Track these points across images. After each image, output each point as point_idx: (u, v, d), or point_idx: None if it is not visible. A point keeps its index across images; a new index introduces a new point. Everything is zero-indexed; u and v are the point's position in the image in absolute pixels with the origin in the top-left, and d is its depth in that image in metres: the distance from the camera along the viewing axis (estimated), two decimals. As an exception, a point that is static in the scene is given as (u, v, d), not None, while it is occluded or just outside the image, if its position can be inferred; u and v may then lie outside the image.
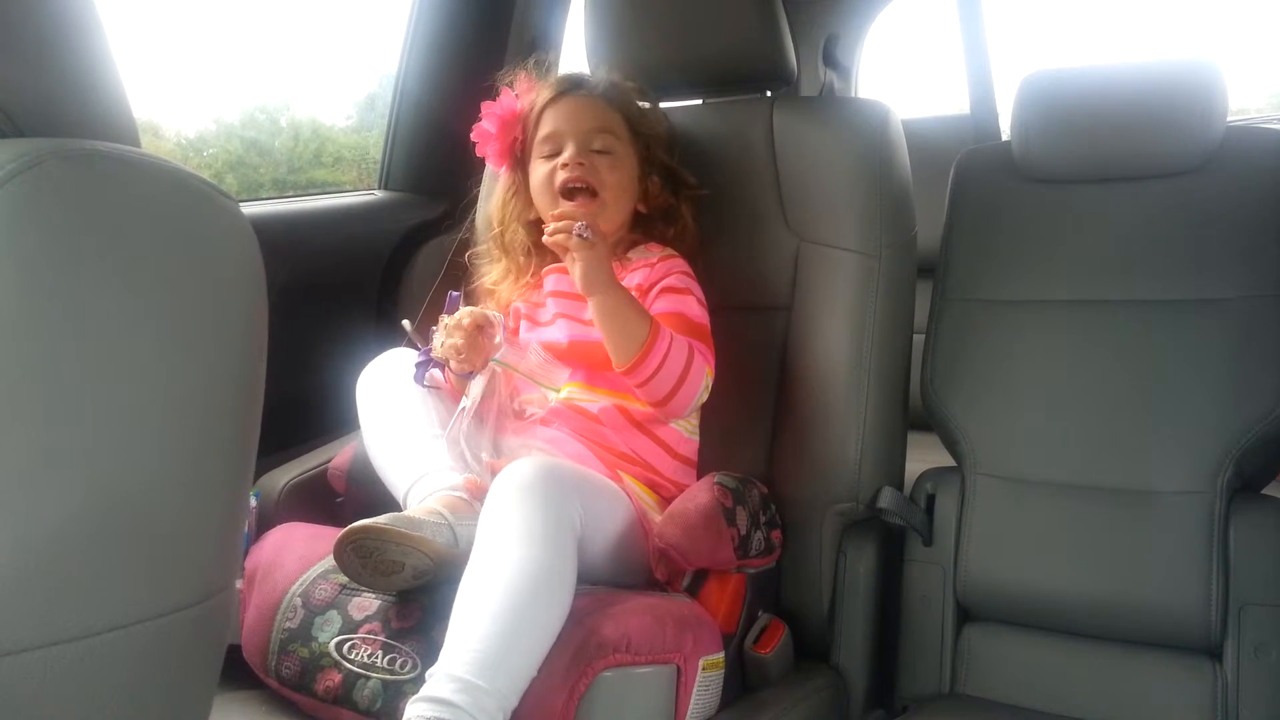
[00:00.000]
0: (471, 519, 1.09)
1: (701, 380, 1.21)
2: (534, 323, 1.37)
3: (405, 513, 1.08)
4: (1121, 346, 1.30)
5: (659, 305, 1.27)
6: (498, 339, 1.21)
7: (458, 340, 1.21)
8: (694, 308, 1.28)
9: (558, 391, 1.23)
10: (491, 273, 1.41)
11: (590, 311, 1.21)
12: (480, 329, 1.22)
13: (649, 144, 1.37)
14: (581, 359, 1.27)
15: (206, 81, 2.22)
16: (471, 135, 1.39)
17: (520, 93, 1.37)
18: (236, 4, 2.21)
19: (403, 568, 1.04)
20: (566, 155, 1.31)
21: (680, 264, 1.31)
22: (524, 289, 1.39)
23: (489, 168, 1.50)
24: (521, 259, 1.39)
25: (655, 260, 1.31)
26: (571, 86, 1.36)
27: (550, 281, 1.36)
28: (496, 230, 1.41)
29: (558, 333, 1.31)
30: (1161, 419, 1.26)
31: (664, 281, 1.29)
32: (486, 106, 1.38)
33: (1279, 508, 1.21)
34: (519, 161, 1.39)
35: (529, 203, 1.38)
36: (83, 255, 0.53)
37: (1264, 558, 1.18)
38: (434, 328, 1.24)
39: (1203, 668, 1.19)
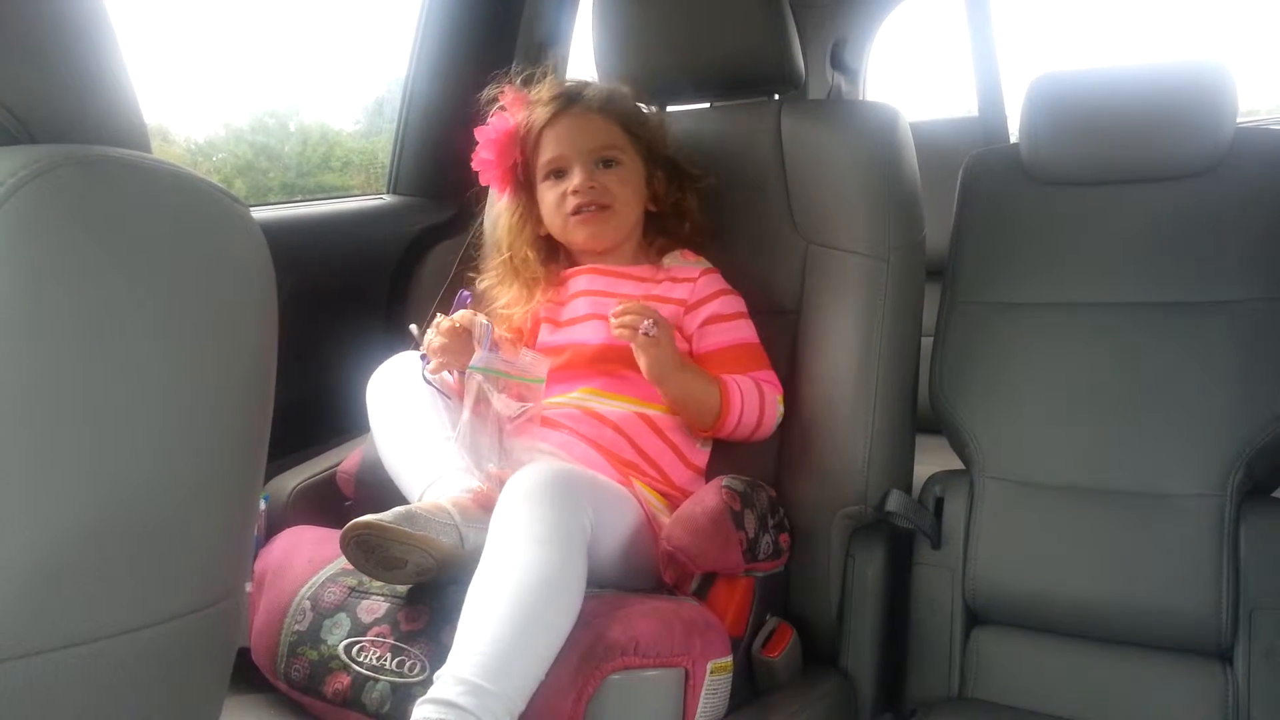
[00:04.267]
0: (481, 521, 1.09)
1: (776, 411, 1.28)
2: (556, 324, 1.37)
3: (411, 508, 1.08)
4: (1131, 349, 1.30)
5: (718, 339, 1.31)
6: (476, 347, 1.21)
7: (437, 341, 1.23)
8: (746, 330, 1.32)
9: (541, 381, 1.23)
10: (502, 297, 1.41)
11: (663, 397, 1.26)
12: (464, 332, 1.23)
13: (650, 146, 1.38)
14: (612, 361, 1.28)
15: (216, 86, 2.23)
16: (473, 165, 1.38)
17: (510, 108, 1.36)
18: (246, 9, 2.22)
19: (405, 564, 1.05)
20: (576, 181, 1.32)
21: (719, 280, 1.35)
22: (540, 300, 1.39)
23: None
24: (533, 279, 1.39)
25: (696, 275, 1.33)
26: (567, 103, 1.35)
27: (582, 282, 1.37)
28: (505, 255, 1.40)
29: (589, 333, 1.32)
30: (1172, 422, 1.25)
31: (712, 308, 1.31)
32: (480, 132, 1.37)
33: (1290, 511, 1.20)
34: (521, 184, 1.39)
35: (538, 222, 1.38)
36: (95, 260, 0.53)
37: (1275, 561, 1.17)
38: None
39: (1213, 671, 1.19)
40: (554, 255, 1.41)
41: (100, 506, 0.53)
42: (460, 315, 1.25)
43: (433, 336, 1.24)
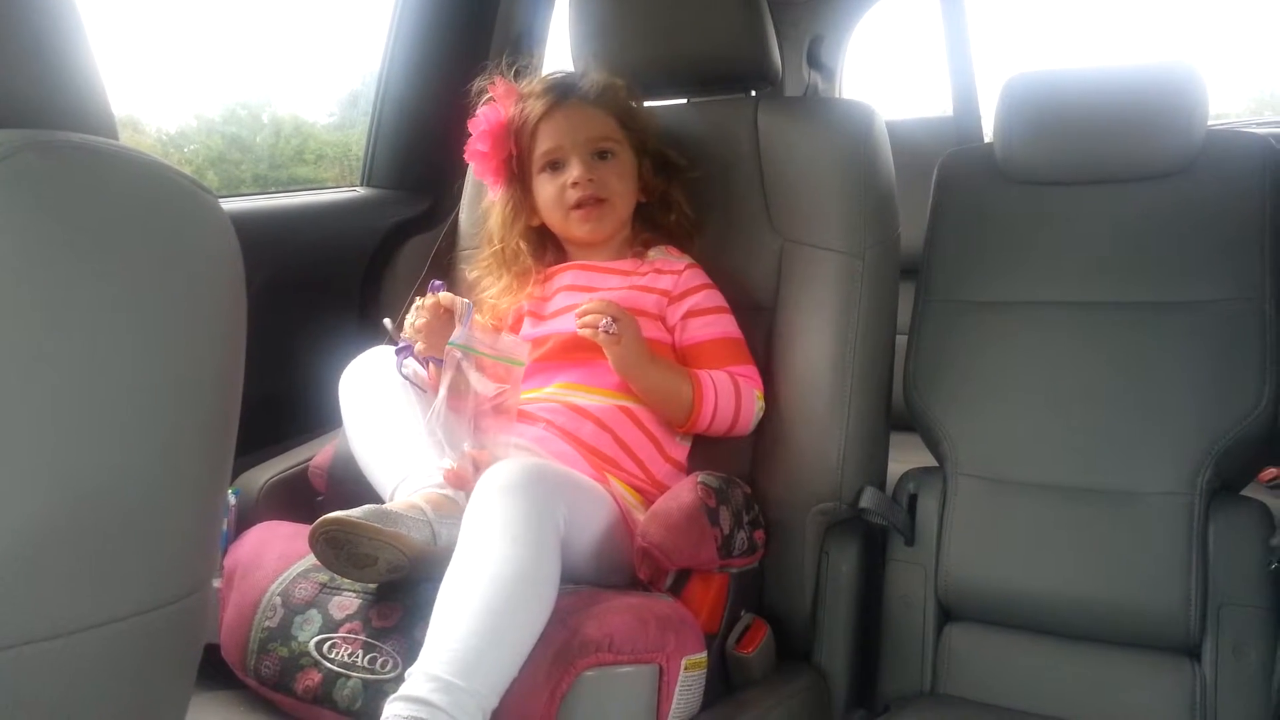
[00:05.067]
0: (454, 517, 1.08)
1: (754, 405, 1.28)
2: (539, 317, 1.38)
3: (383, 506, 1.07)
4: (1102, 348, 1.31)
5: (699, 333, 1.31)
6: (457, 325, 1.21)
7: (419, 320, 1.23)
8: (728, 325, 1.32)
9: (521, 364, 1.23)
10: (492, 288, 1.41)
11: (634, 390, 1.26)
12: (446, 313, 1.22)
13: (640, 137, 1.39)
14: (591, 349, 1.28)
15: (188, 77, 2.21)
16: (466, 158, 1.40)
17: (500, 100, 1.36)
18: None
19: (376, 561, 1.04)
20: (575, 174, 1.32)
21: (702, 275, 1.35)
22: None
23: (473, 169, 1.49)
24: (525, 270, 1.39)
25: (681, 268, 1.34)
26: (563, 94, 1.35)
27: (567, 277, 1.38)
28: (498, 247, 1.40)
29: (568, 324, 1.31)
30: (1141, 420, 1.26)
31: (695, 300, 1.32)
32: (473, 124, 1.37)
33: (1257, 509, 1.21)
34: (515, 176, 1.39)
35: (530, 214, 1.39)
36: (57, 248, 0.52)
37: (1242, 558, 1.19)
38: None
39: (1182, 667, 1.20)
40: (543, 247, 1.41)
41: (62, 499, 0.52)
42: (442, 295, 1.24)
43: (414, 317, 1.24)
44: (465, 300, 1.23)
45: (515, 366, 1.21)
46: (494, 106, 1.36)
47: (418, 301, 1.25)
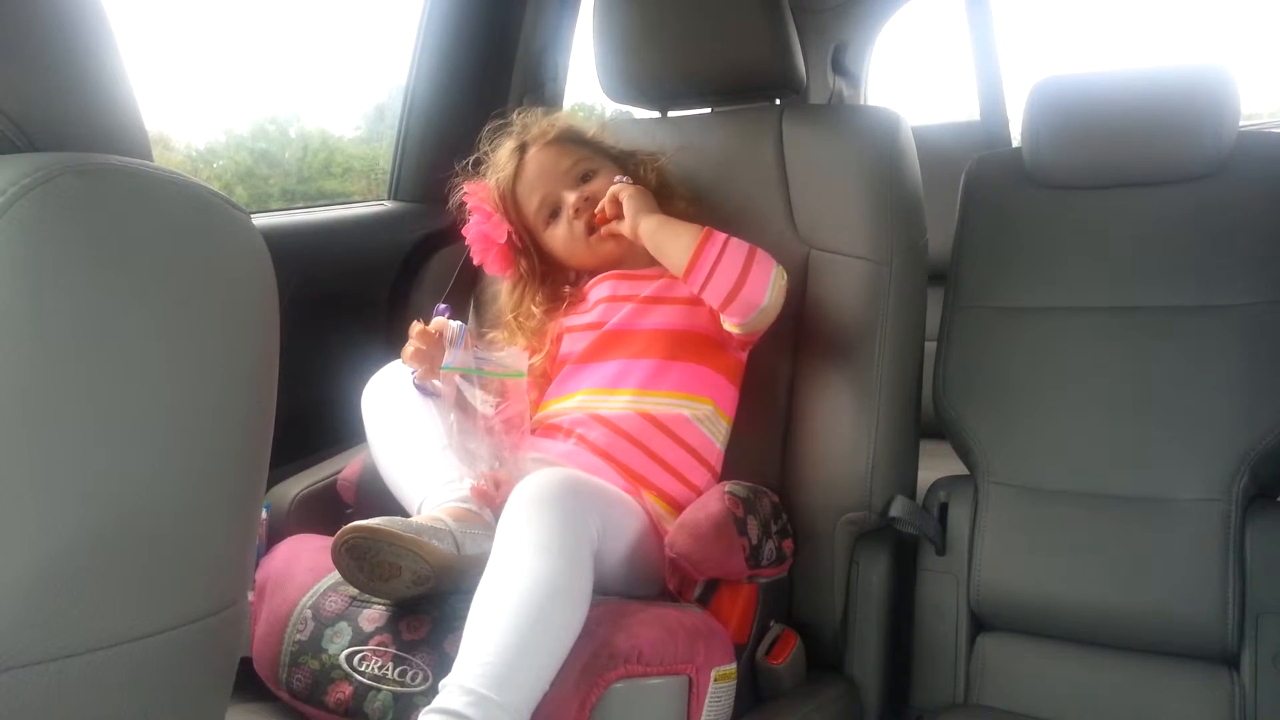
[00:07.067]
0: (477, 528, 1.09)
1: (770, 268, 1.21)
2: (577, 330, 1.37)
3: (405, 519, 1.08)
4: (1134, 353, 1.30)
5: None
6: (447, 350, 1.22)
7: (410, 348, 1.24)
8: None
9: (521, 375, 1.24)
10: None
11: (646, 244, 1.27)
12: (443, 337, 1.23)
13: (610, 149, 1.41)
14: (620, 347, 1.29)
15: (216, 93, 2.23)
16: (487, 270, 1.43)
17: (478, 201, 1.39)
18: (246, 16, 2.22)
19: (400, 571, 1.04)
20: (571, 201, 1.34)
21: None
22: (565, 311, 1.40)
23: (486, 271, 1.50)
24: (541, 331, 1.39)
25: None
26: (521, 152, 1.38)
27: (605, 289, 1.37)
28: (509, 317, 1.41)
29: (596, 318, 1.33)
30: (1176, 426, 1.25)
31: None
32: (467, 231, 1.40)
33: (1296, 515, 1.20)
34: (520, 250, 1.40)
35: (541, 279, 1.40)
36: (96, 269, 0.53)
37: (1280, 566, 1.17)
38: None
39: (1219, 677, 1.18)
40: (573, 280, 1.41)
41: (104, 515, 0.53)
42: (435, 322, 1.25)
43: (410, 345, 1.24)
44: (457, 323, 1.23)
45: (515, 380, 1.21)
46: (478, 209, 1.39)
47: (413, 330, 1.25)
